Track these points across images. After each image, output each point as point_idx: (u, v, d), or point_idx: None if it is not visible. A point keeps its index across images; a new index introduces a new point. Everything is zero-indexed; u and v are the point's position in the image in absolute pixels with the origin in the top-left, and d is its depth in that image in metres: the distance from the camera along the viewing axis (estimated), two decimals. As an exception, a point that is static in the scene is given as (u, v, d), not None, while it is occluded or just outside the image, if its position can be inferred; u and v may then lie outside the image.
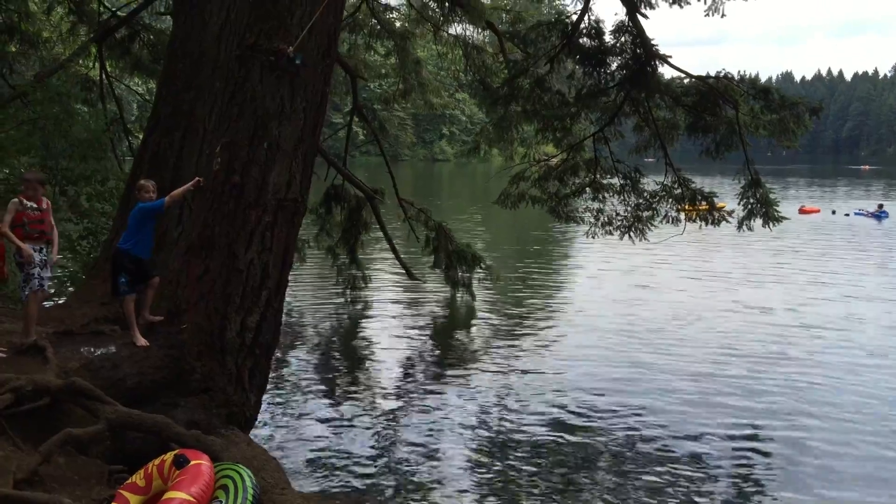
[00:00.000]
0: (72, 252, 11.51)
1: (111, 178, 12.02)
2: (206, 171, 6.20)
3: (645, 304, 15.61)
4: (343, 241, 14.79)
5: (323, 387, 10.43)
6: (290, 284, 7.10)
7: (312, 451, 8.14)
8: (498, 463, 7.94)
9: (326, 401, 9.85)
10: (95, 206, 11.83)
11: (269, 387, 7.19)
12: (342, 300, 15.45)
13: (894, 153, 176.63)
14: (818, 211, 35.51)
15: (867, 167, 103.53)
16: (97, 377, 5.67)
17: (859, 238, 26.94)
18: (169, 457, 4.77)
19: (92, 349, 6.11)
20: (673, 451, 8.30)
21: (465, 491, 7.29)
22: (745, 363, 11.42)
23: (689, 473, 7.76)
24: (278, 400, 9.65)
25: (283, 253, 6.20)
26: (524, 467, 7.85)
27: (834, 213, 35.24)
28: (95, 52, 14.34)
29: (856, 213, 34.53)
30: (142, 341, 6.03)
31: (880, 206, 35.06)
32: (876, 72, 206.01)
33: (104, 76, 14.66)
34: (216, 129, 6.03)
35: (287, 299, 10.87)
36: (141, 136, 10.64)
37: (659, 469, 7.85)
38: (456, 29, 14.72)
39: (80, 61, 14.68)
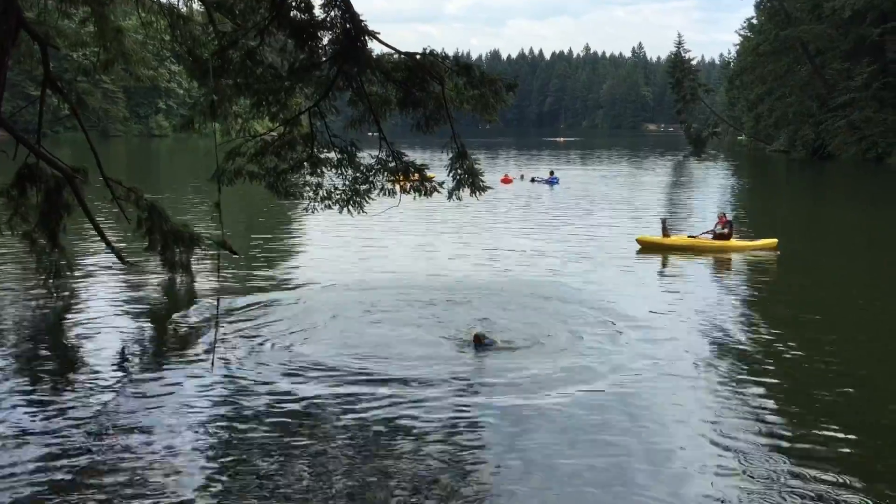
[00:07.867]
0: None
1: None
2: None
3: (368, 270, 16.34)
4: (42, 225, 13.46)
5: (27, 387, 9.49)
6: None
7: (11, 457, 7.44)
8: (218, 447, 7.86)
9: (31, 402, 8.98)
10: None
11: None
12: (45, 291, 14.12)
13: (588, 125, 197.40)
14: (511, 181, 39.53)
15: (563, 139, 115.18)
16: None
17: (538, 200, 32.68)
18: None
19: None
20: (395, 407, 8.74)
21: (197, 483, 7.11)
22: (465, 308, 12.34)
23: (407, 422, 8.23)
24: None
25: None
26: (244, 448, 7.83)
27: (533, 181, 40.22)
28: None
29: (542, 181, 39.70)
30: None
31: (551, 172, 41.04)
32: (570, 52, 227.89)
33: None
34: None
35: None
36: None
37: (389, 431, 8.24)
38: (160, -4, 13.89)
39: None
